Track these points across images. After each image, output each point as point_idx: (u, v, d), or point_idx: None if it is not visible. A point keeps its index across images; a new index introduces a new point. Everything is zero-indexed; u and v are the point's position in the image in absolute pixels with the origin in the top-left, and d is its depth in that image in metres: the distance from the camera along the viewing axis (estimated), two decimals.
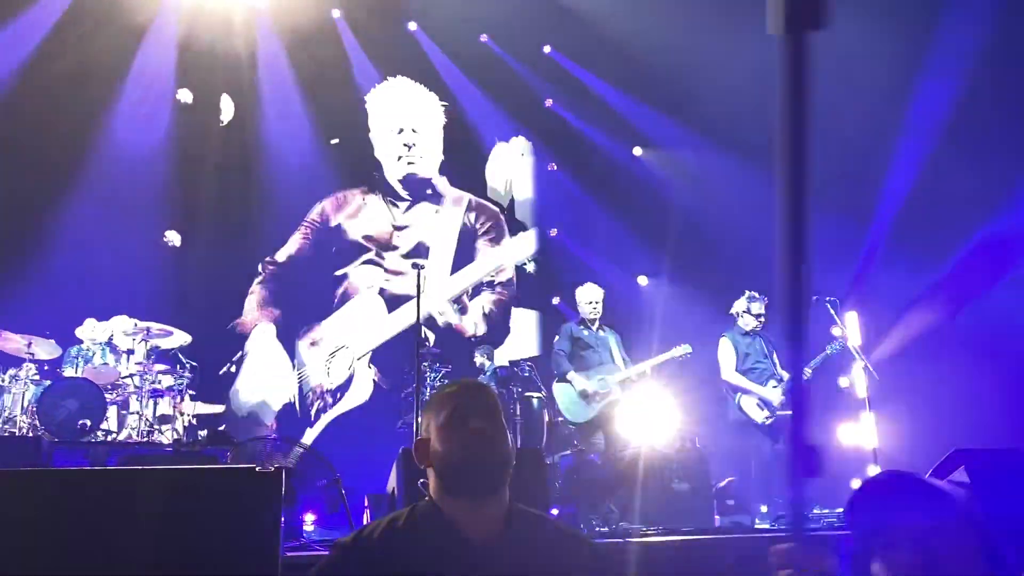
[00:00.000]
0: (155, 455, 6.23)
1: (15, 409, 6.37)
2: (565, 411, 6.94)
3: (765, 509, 6.33)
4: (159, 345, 7.17)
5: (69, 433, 5.99)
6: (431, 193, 10.24)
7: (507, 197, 10.54)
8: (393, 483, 4.52)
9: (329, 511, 5.18)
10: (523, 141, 10.67)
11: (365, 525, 1.95)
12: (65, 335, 7.00)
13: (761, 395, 6.71)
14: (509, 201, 10.53)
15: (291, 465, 5.73)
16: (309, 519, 5.13)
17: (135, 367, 6.82)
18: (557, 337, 7.25)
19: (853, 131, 8.28)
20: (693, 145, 9.66)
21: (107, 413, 6.41)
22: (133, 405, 6.73)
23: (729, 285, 7.56)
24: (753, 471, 6.67)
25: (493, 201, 10.50)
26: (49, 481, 2.54)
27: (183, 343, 7.28)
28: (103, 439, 6.38)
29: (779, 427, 6.73)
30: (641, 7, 8.93)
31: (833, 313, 6.65)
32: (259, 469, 2.57)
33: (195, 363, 7.16)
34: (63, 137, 8.08)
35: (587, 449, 6.78)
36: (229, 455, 5.75)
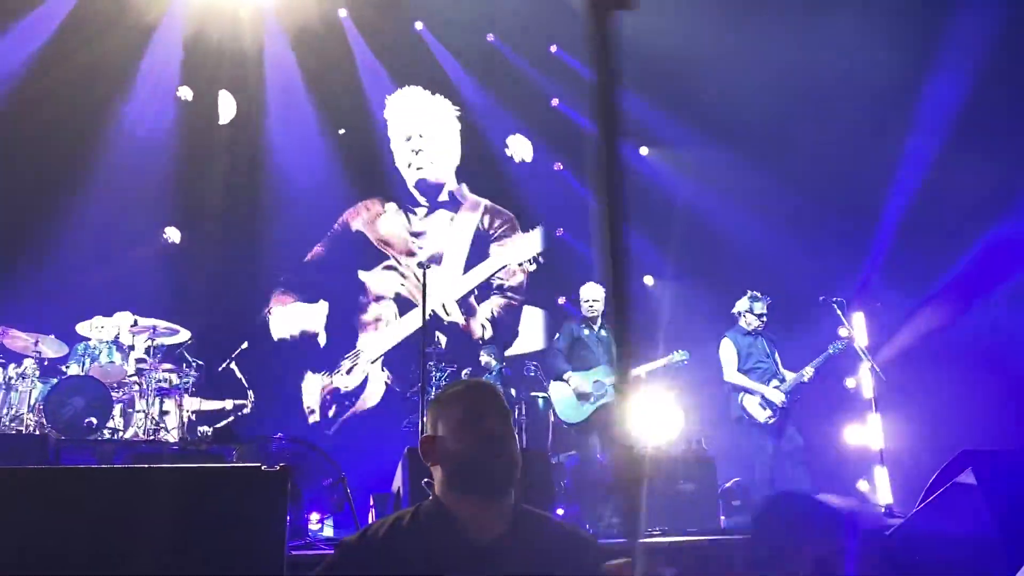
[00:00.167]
0: (161, 453, 6.24)
1: (22, 407, 6.39)
2: (560, 411, 6.92)
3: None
4: (164, 343, 7.19)
5: (76, 431, 6.00)
6: (447, 200, 10.27)
7: None
8: (399, 482, 4.52)
9: (334, 510, 5.19)
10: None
11: (370, 524, 1.95)
12: (69, 332, 7.03)
13: (764, 394, 6.70)
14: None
15: (296, 464, 5.74)
16: (314, 518, 5.13)
17: (142, 365, 6.84)
18: (557, 335, 7.25)
19: (860, 129, 8.26)
20: (699, 145, 9.64)
21: (113, 411, 6.42)
22: (139, 403, 6.74)
23: (734, 285, 7.55)
24: (757, 471, 6.66)
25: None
26: (56, 479, 2.55)
27: (186, 340, 7.31)
28: (109, 437, 6.40)
29: (782, 426, 6.73)
30: (648, 6, 8.80)
31: (840, 314, 6.63)
32: (265, 468, 2.58)
33: (200, 361, 7.17)
34: (70, 137, 8.10)
35: (578, 450, 6.79)
36: (235, 453, 5.77)
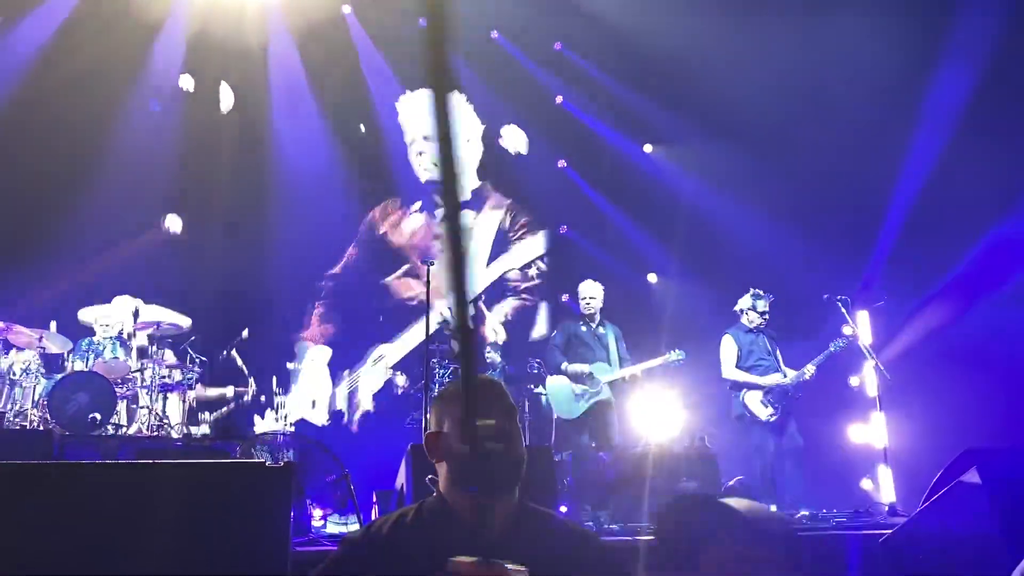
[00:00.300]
0: (165, 449, 6.25)
1: (26, 403, 6.40)
2: (555, 407, 7.06)
3: (774, 508, 6.30)
4: (169, 336, 7.20)
5: (80, 427, 6.01)
6: (469, 199, 10.26)
7: None
8: (402, 479, 4.53)
9: (338, 507, 5.20)
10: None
11: (374, 520, 1.95)
12: (73, 321, 7.08)
13: (763, 386, 6.72)
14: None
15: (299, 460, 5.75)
16: (317, 514, 5.14)
17: (145, 360, 6.85)
18: (555, 332, 7.32)
19: (864, 127, 8.23)
20: (703, 142, 9.63)
21: (117, 407, 6.44)
22: (143, 399, 6.76)
23: (738, 282, 7.55)
24: (759, 468, 6.67)
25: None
26: (61, 474, 2.55)
27: (188, 331, 7.34)
28: (113, 433, 6.41)
29: (784, 425, 6.74)
30: (652, 3, 8.90)
31: (844, 311, 6.62)
32: (269, 464, 2.58)
33: (204, 357, 7.18)
34: (74, 134, 8.11)
35: (571, 448, 6.83)
36: (239, 449, 5.77)
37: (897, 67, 7.96)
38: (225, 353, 7.42)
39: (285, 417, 8.02)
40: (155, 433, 6.54)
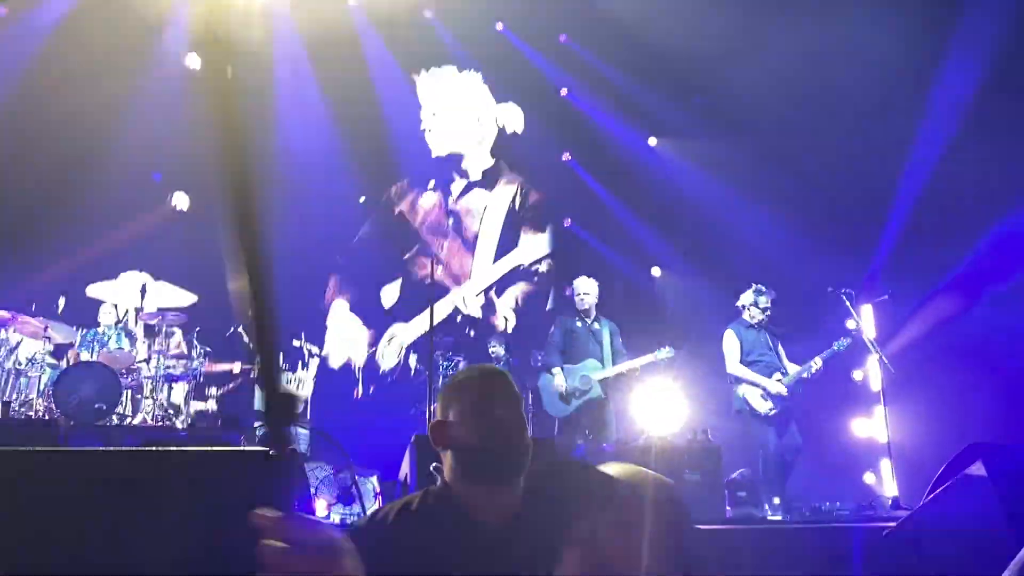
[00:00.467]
0: (170, 439, 6.27)
1: (31, 392, 6.43)
2: (546, 404, 7.12)
3: (777, 501, 6.31)
4: (175, 329, 7.20)
5: (84, 417, 6.03)
6: (480, 179, 10.33)
7: None
8: (406, 469, 4.53)
9: (342, 497, 5.21)
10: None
11: (379, 509, 1.95)
12: (80, 296, 7.12)
13: (766, 387, 6.71)
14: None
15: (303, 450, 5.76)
16: (321, 504, 5.16)
17: (150, 351, 6.88)
18: (553, 329, 7.36)
19: (869, 121, 8.21)
20: (707, 136, 9.60)
21: (122, 397, 6.46)
22: (147, 389, 6.78)
23: (741, 277, 7.54)
24: (760, 463, 6.67)
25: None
26: (63, 460, 2.55)
27: (191, 302, 7.36)
28: (118, 423, 6.43)
29: (784, 421, 6.74)
30: None
31: (849, 305, 6.61)
32: (271, 452, 2.58)
33: (209, 348, 7.20)
34: (82, 115, 8.12)
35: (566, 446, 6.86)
36: (242, 439, 5.79)
37: (902, 61, 7.93)
38: (232, 330, 7.43)
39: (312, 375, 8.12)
40: (160, 423, 6.56)
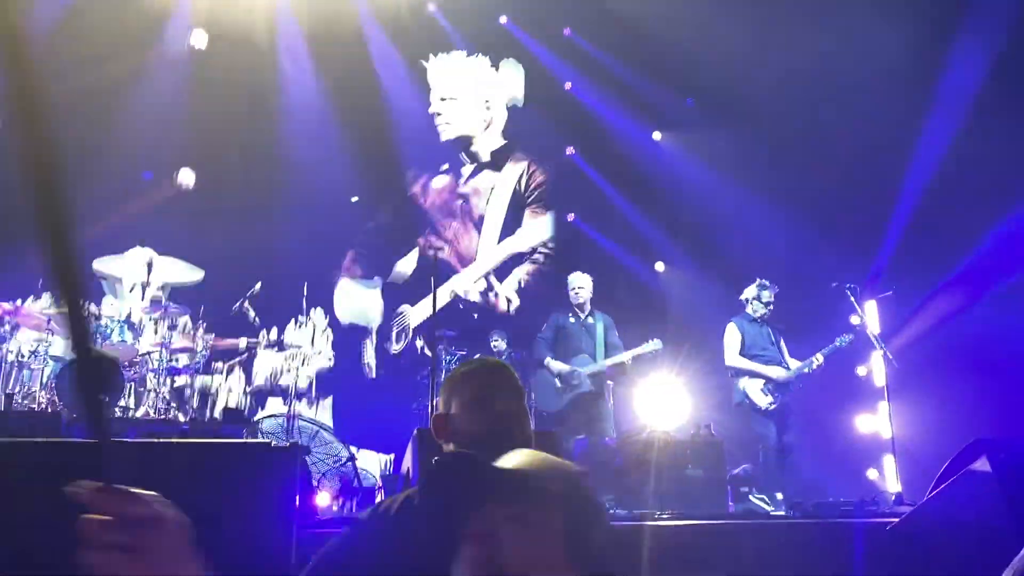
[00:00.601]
0: (172, 432, 6.26)
1: (34, 385, 6.42)
2: (537, 398, 7.16)
3: (780, 496, 6.31)
4: (177, 316, 7.18)
5: None
6: (489, 160, 10.34)
7: None
8: (408, 463, 4.52)
9: (343, 490, 5.21)
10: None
11: (382, 501, 1.95)
12: (86, 272, 7.12)
13: (766, 375, 6.71)
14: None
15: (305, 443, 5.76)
16: (323, 496, 5.16)
17: (153, 346, 6.86)
18: (545, 325, 7.40)
19: (874, 115, 8.18)
20: (711, 130, 9.57)
21: (125, 390, 6.45)
22: (150, 382, 6.77)
23: (745, 272, 7.53)
24: (761, 457, 6.68)
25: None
26: (66, 451, 2.55)
27: (197, 280, 7.37)
28: (121, 416, 6.43)
29: (784, 417, 6.74)
30: None
31: (853, 300, 6.59)
32: (274, 444, 2.58)
33: (211, 337, 7.19)
34: (89, 94, 8.11)
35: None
36: (245, 432, 5.79)
37: (910, 55, 7.89)
38: (237, 306, 7.43)
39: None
40: (163, 416, 6.56)
